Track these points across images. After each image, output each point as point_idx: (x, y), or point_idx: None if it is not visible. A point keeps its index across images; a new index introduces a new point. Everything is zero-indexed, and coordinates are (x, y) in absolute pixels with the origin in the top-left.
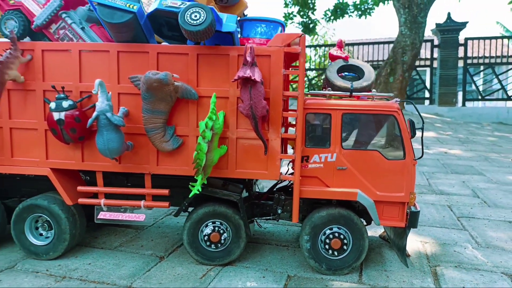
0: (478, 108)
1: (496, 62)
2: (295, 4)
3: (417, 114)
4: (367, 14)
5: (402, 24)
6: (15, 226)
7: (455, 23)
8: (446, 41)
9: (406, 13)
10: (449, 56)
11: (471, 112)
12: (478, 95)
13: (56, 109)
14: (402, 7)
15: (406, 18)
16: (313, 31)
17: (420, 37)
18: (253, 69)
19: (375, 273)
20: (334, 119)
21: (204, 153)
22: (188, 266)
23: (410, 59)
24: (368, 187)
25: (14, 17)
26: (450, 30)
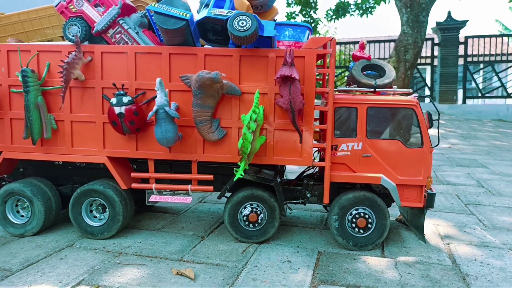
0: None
1: (496, 60)
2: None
3: None
4: (368, 13)
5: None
6: (73, 209)
7: (455, 21)
8: (447, 39)
9: (408, 12)
10: (449, 54)
11: (471, 110)
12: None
13: (117, 104)
14: (404, 6)
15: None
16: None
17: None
18: (292, 68)
19: (396, 249)
20: (360, 112)
21: (249, 142)
22: (228, 243)
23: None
24: (390, 172)
25: (76, 23)
26: (451, 29)
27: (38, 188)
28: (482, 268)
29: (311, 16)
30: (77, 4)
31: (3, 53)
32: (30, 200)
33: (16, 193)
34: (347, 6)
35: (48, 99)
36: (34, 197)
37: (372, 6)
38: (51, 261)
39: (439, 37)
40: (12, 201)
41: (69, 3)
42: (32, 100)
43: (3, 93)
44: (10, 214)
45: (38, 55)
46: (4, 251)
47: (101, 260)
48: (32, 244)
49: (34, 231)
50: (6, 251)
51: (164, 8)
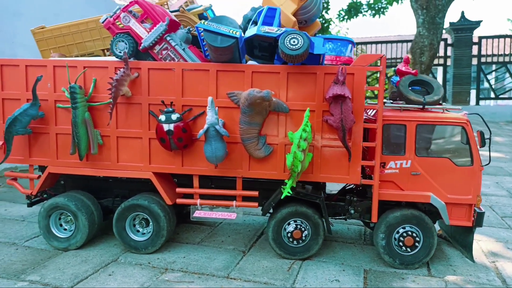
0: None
1: (510, 61)
2: None
3: None
4: (381, 13)
5: (420, 25)
6: (117, 224)
7: (469, 22)
8: (460, 39)
9: (424, 14)
10: (462, 54)
11: (485, 111)
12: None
13: (165, 121)
14: (420, 8)
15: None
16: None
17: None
18: (344, 87)
19: (442, 268)
20: (409, 129)
21: (299, 161)
22: (271, 259)
23: (428, 59)
24: (439, 190)
25: (124, 39)
26: (464, 29)
27: (82, 202)
28: None
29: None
30: (124, 21)
31: (50, 68)
32: (74, 214)
33: (61, 207)
34: (359, 6)
35: (93, 115)
36: (78, 211)
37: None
38: (99, 277)
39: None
40: (56, 215)
41: (116, 19)
42: (80, 116)
43: (49, 108)
44: (54, 228)
45: (85, 71)
46: (52, 266)
47: (149, 277)
48: (78, 258)
49: (78, 245)
50: (54, 266)
51: (214, 26)
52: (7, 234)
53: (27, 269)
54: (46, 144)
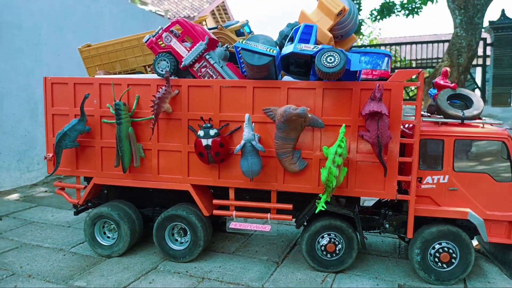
0: None
1: None
2: None
3: None
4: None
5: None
6: (157, 233)
7: (509, 20)
8: (500, 39)
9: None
10: (503, 54)
11: None
12: None
13: (204, 136)
14: (458, 8)
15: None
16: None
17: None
18: (381, 104)
19: (479, 284)
20: (447, 144)
21: (334, 176)
22: (305, 272)
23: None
24: (478, 206)
25: (165, 58)
26: (505, 28)
27: (124, 211)
28: None
29: None
30: (166, 40)
31: (96, 86)
32: (117, 223)
33: (104, 216)
34: (392, 6)
35: (136, 129)
36: (121, 220)
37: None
38: (141, 285)
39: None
40: (100, 224)
41: (158, 38)
42: (124, 131)
43: (94, 123)
44: (98, 235)
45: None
46: (97, 273)
47: (187, 286)
48: (120, 266)
49: (120, 252)
50: (98, 272)
51: (251, 45)
52: (55, 240)
53: (74, 274)
54: (91, 156)
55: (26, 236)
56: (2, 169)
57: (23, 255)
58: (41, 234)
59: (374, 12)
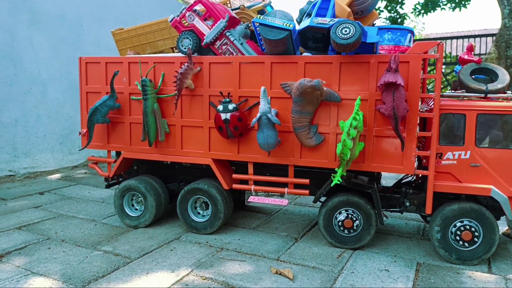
0: None
1: None
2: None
3: None
4: (461, 6)
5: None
6: (180, 205)
7: None
8: None
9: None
10: None
11: None
12: None
13: (223, 111)
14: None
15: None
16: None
17: None
18: (397, 74)
19: (505, 266)
20: (469, 119)
21: (349, 148)
22: (322, 247)
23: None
24: (502, 183)
25: (188, 36)
26: None
27: (151, 185)
28: None
29: (397, 11)
30: (189, 19)
31: (125, 65)
32: (144, 196)
33: (132, 189)
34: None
35: (162, 106)
36: (147, 193)
37: None
38: (162, 251)
39: None
40: (129, 196)
41: (182, 18)
42: (150, 106)
43: (124, 100)
44: (126, 207)
45: (155, 66)
46: (123, 240)
47: (205, 254)
48: (145, 235)
49: (147, 223)
50: (125, 240)
51: (269, 20)
52: (89, 212)
53: (102, 241)
54: (121, 132)
55: (63, 208)
56: (46, 150)
57: (59, 224)
58: (76, 207)
59: (418, 6)
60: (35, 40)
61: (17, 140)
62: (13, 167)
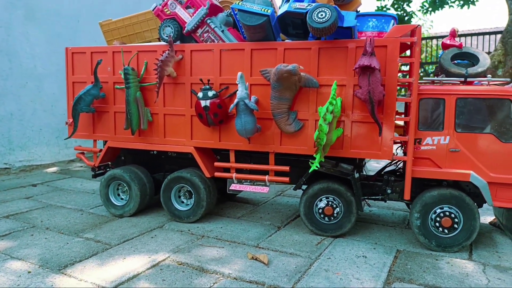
0: None
1: None
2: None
3: None
4: (470, 3)
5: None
6: (164, 194)
7: None
8: None
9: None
10: None
11: None
12: None
13: (203, 98)
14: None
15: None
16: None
17: None
18: (372, 58)
19: (486, 253)
20: (448, 103)
21: (325, 133)
22: (304, 235)
23: None
24: (481, 168)
25: (170, 24)
26: None
27: (136, 174)
28: None
29: (404, 9)
30: (171, 7)
31: (110, 54)
32: (128, 185)
33: (117, 178)
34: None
35: (145, 94)
36: (132, 182)
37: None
38: (143, 238)
39: None
40: (114, 185)
41: (164, 6)
42: (132, 95)
43: (109, 89)
44: (112, 196)
45: (138, 55)
46: (106, 228)
47: (185, 241)
48: (129, 223)
49: (131, 212)
50: (108, 228)
51: (247, 6)
52: (77, 202)
53: (85, 229)
54: (106, 121)
55: (53, 199)
56: (42, 144)
57: (46, 213)
58: (66, 198)
59: (425, 3)
60: (31, 35)
61: (12, 133)
62: (9, 160)
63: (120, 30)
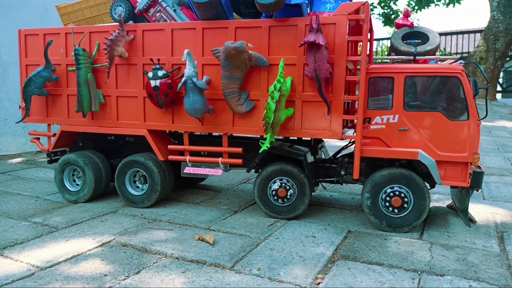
0: None
1: None
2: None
3: None
4: (455, 2)
5: (495, 8)
6: (118, 179)
7: None
8: None
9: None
10: None
11: None
12: None
13: (153, 78)
14: None
15: (499, 1)
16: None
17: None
18: (318, 34)
19: (437, 233)
20: (397, 82)
21: (272, 111)
22: (258, 218)
23: (503, 46)
24: (430, 147)
25: (122, 4)
26: None
27: (90, 159)
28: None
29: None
30: None
31: (62, 35)
32: (82, 170)
33: (71, 163)
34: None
35: (97, 76)
36: (85, 166)
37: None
38: (92, 222)
39: None
40: (69, 171)
41: None
42: (83, 76)
43: (62, 72)
44: (67, 182)
45: (90, 36)
46: (57, 214)
47: (135, 224)
48: (82, 209)
49: (86, 198)
50: (58, 213)
51: None
52: (35, 190)
53: (36, 214)
54: (60, 105)
55: (11, 187)
56: (8, 134)
57: (0, 200)
58: (25, 186)
59: (412, 2)
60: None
61: None
62: None
63: (77, 13)
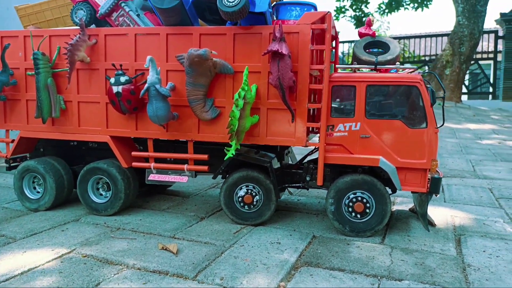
0: None
1: None
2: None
3: None
4: (424, 6)
5: (460, 13)
6: (80, 186)
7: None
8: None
9: (464, 1)
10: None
11: None
12: None
13: (115, 83)
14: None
15: (464, 7)
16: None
17: (480, 27)
18: (281, 43)
19: (398, 237)
20: (358, 90)
21: (236, 119)
22: (225, 224)
23: (468, 50)
24: (391, 154)
25: (83, 7)
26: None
27: (51, 166)
28: (489, 260)
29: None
30: None
31: (20, 38)
32: (43, 177)
33: (31, 170)
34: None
35: (58, 81)
36: (46, 173)
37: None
38: (52, 232)
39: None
40: (29, 178)
41: None
42: (42, 81)
43: (21, 76)
44: (27, 189)
45: (50, 39)
46: (15, 223)
47: (97, 234)
48: (42, 217)
49: (47, 206)
50: (17, 222)
51: None
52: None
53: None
54: (18, 110)
55: None
56: None
57: None
58: None
59: (382, 5)
60: None
61: None
62: None
63: (38, 15)
